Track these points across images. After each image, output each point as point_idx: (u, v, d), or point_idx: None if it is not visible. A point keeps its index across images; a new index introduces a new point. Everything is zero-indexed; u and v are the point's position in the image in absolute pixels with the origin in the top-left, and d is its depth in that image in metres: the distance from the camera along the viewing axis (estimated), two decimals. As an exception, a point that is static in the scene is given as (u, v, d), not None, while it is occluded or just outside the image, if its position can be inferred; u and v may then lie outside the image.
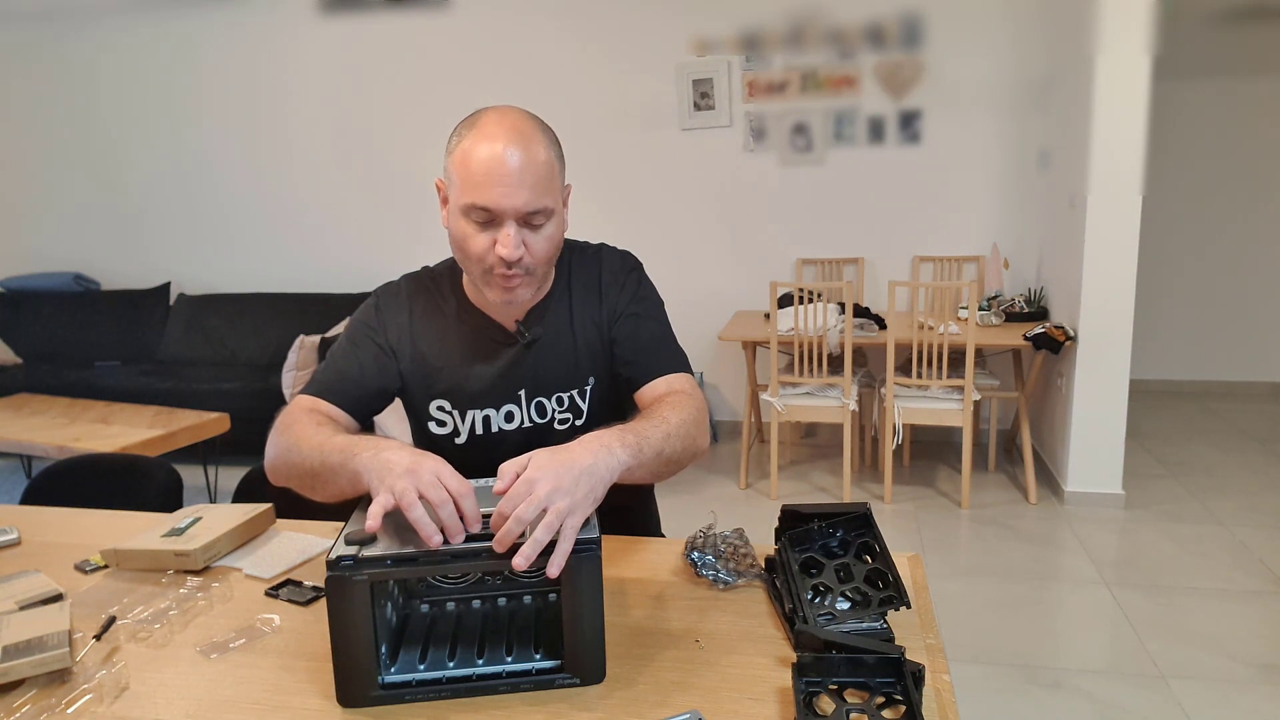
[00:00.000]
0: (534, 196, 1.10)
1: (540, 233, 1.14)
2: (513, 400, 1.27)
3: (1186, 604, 2.57)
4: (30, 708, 0.90)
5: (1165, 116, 4.57)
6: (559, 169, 1.15)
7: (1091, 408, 3.26)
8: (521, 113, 1.15)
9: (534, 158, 1.10)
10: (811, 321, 3.31)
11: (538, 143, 1.11)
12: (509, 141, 1.09)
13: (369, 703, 0.88)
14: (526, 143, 1.10)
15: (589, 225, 4.33)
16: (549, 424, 1.28)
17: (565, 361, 1.27)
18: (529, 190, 1.10)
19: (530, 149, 1.10)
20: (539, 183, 1.10)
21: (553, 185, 1.13)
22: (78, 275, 5.02)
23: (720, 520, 1.24)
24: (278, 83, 4.59)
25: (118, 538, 1.28)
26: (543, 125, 1.15)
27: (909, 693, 0.82)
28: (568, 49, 4.21)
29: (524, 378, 1.27)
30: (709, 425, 1.28)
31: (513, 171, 1.09)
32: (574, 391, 1.28)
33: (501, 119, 1.12)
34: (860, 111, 3.99)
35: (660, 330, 1.30)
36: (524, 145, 1.10)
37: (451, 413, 1.29)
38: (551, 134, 1.16)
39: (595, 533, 0.89)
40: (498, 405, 1.28)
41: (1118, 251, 3.12)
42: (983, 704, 2.14)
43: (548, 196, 1.12)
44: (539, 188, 1.11)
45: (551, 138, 1.15)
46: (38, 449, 3.18)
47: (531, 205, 1.11)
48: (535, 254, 1.15)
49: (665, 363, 1.26)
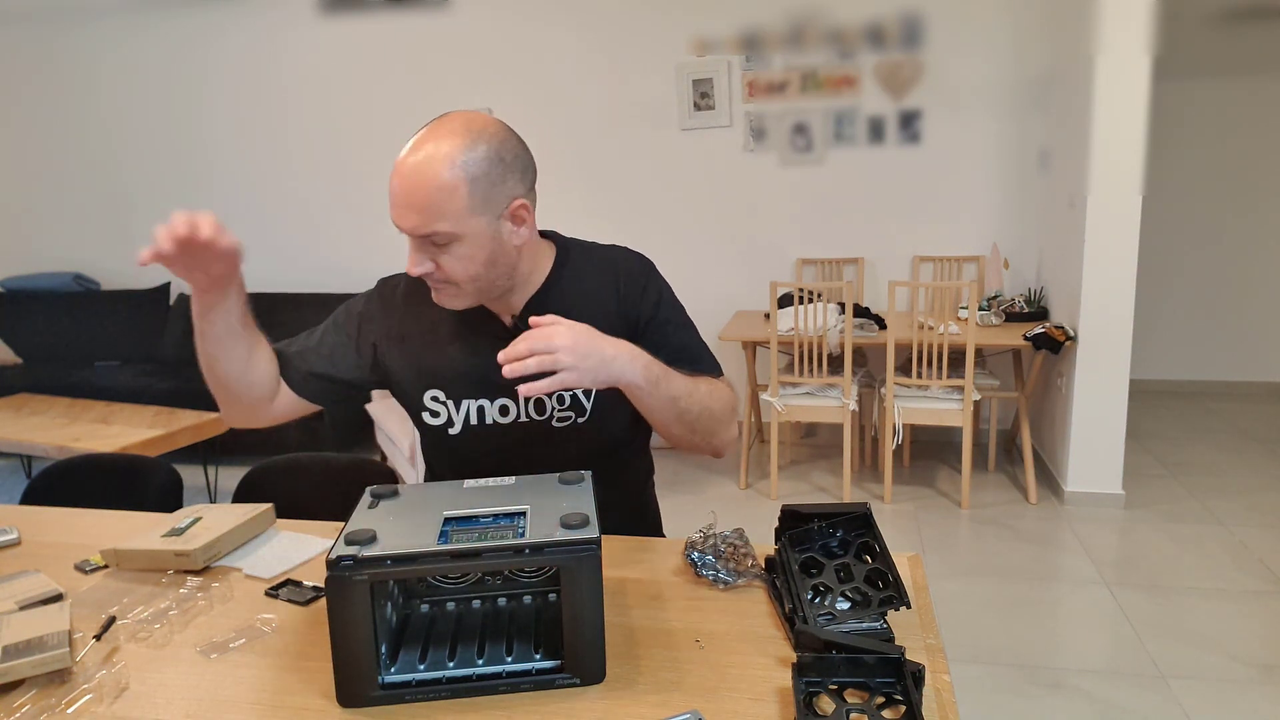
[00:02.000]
0: (423, 220, 1.08)
1: (449, 252, 1.12)
2: (509, 395, 1.26)
3: (1186, 604, 2.57)
4: (30, 708, 0.90)
5: (1165, 116, 4.56)
6: (468, 192, 1.08)
7: (1091, 408, 3.26)
8: (451, 127, 1.10)
9: (426, 182, 1.07)
10: (811, 321, 3.31)
11: (439, 166, 1.07)
12: (409, 164, 1.08)
13: (369, 703, 0.88)
14: (425, 165, 1.07)
15: (590, 225, 4.30)
16: (547, 420, 1.28)
17: None
18: (417, 214, 1.08)
19: (426, 173, 1.07)
20: (430, 207, 1.08)
21: (451, 210, 1.08)
22: (78, 275, 5.02)
23: (720, 520, 1.24)
24: (278, 83, 4.59)
25: (118, 538, 1.28)
26: (468, 143, 1.08)
27: (909, 693, 0.82)
28: (568, 49, 4.21)
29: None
30: (734, 426, 1.27)
31: (403, 194, 1.08)
32: (578, 390, 1.26)
33: (420, 138, 1.10)
34: (860, 111, 3.99)
35: (690, 338, 1.31)
36: (420, 168, 1.07)
37: (445, 403, 1.29)
38: (479, 152, 1.09)
39: (595, 533, 0.89)
40: (492, 397, 1.27)
41: (1118, 251, 3.12)
42: (983, 704, 2.14)
43: (443, 220, 1.08)
44: (430, 212, 1.08)
45: (475, 157, 1.08)
46: (38, 449, 3.18)
47: (421, 229, 1.09)
48: (447, 271, 1.13)
49: (704, 371, 1.26)
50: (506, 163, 1.12)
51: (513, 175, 1.13)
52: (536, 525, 0.91)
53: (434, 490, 1.04)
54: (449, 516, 0.95)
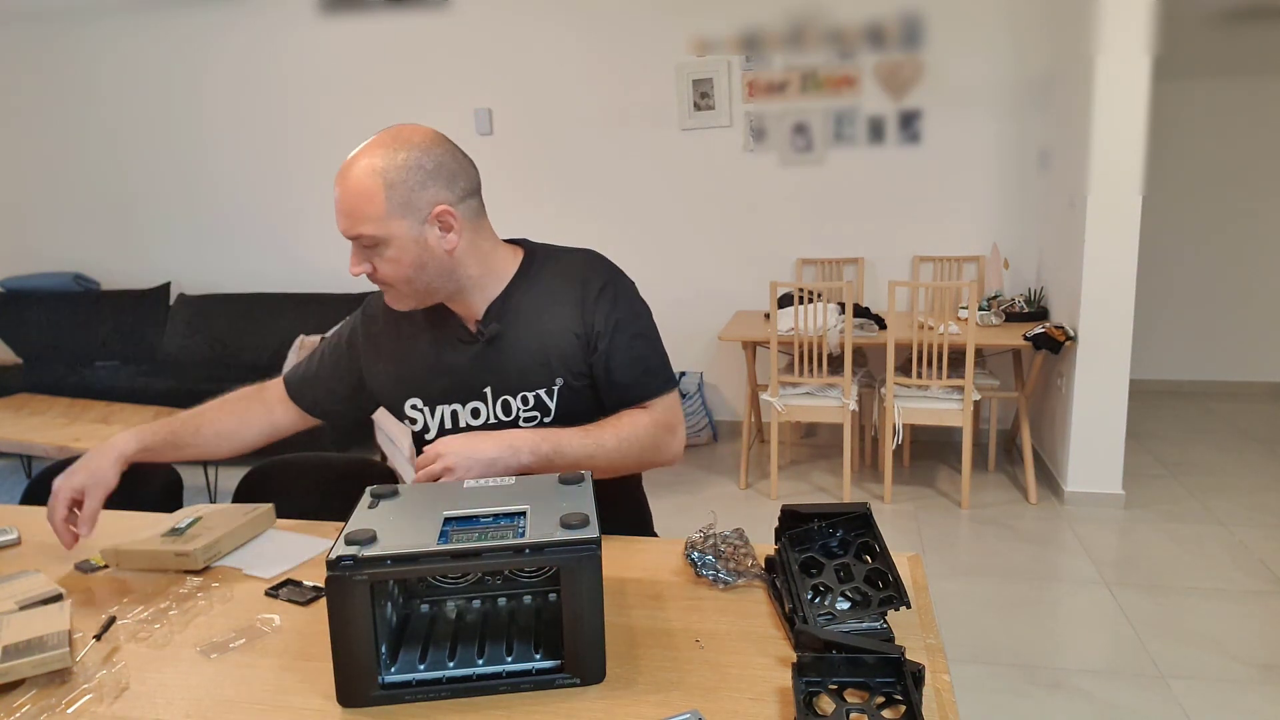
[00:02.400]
0: (349, 224, 1.19)
1: (380, 255, 1.21)
2: (478, 397, 1.32)
3: (1186, 604, 2.57)
4: (30, 708, 0.90)
5: (1165, 116, 4.56)
6: (385, 197, 1.16)
7: (1091, 408, 3.26)
8: (381, 138, 1.20)
9: (350, 188, 1.17)
10: (811, 321, 3.31)
11: (362, 173, 1.17)
12: (342, 171, 1.18)
13: (369, 703, 0.88)
14: (349, 173, 1.17)
15: (590, 225, 4.33)
16: (514, 421, 1.31)
17: (532, 361, 1.30)
18: (345, 218, 1.19)
19: (351, 179, 1.17)
20: (353, 211, 1.18)
21: (371, 214, 1.17)
22: (78, 275, 5.02)
23: (720, 520, 1.24)
24: (278, 83, 4.59)
25: (118, 538, 1.28)
26: (389, 151, 1.17)
27: (909, 693, 0.82)
28: (567, 49, 4.21)
29: (488, 375, 1.31)
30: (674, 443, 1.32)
31: (338, 199, 1.19)
32: (541, 391, 1.30)
33: (360, 147, 1.20)
34: (860, 111, 3.99)
35: (644, 348, 1.32)
36: (346, 175, 1.18)
37: (423, 409, 1.35)
38: (399, 159, 1.17)
39: (595, 533, 0.89)
40: (464, 401, 1.32)
41: (1118, 251, 3.12)
42: (983, 704, 2.14)
43: (366, 224, 1.17)
44: (353, 216, 1.18)
45: (394, 164, 1.17)
46: (38, 449, 3.18)
47: (348, 232, 1.19)
48: (381, 274, 1.23)
49: (641, 390, 1.31)
50: (428, 170, 1.19)
51: (435, 183, 1.20)
52: (536, 525, 0.91)
53: (434, 490, 1.04)
54: (449, 516, 0.95)
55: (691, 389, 4.23)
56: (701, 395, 4.25)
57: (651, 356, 1.33)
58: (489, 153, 4.36)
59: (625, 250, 4.30)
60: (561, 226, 4.33)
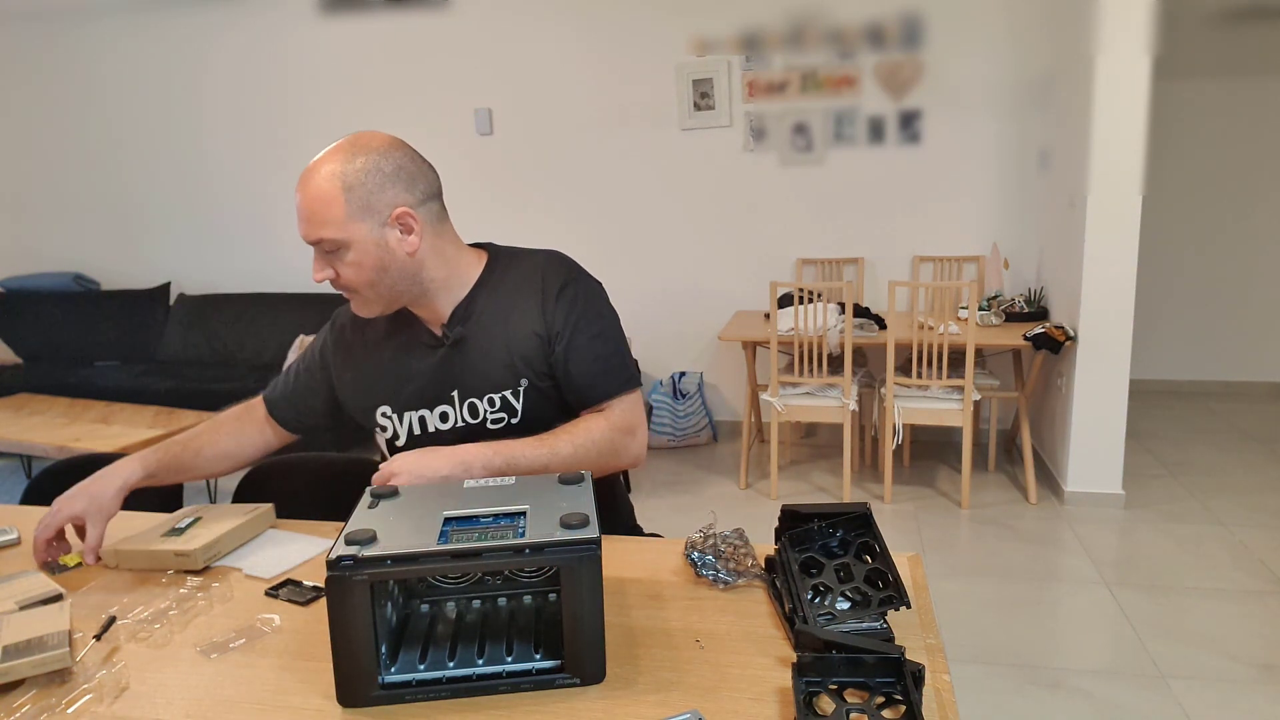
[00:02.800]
0: (310, 229, 1.20)
1: (340, 259, 1.22)
2: (446, 401, 1.33)
3: (1186, 604, 2.57)
4: (30, 708, 0.90)
5: (1165, 116, 4.57)
6: (344, 200, 1.18)
7: (1091, 408, 3.26)
8: (339, 144, 1.21)
9: (309, 193, 1.19)
10: (811, 321, 3.31)
11: (320, 178, 1.18)
12: (302, 178, 1.20)
13: (369, 703, 0.88)
14: (310, 178, 1.19)
15: (590, 225, 4.33)
16: (481, 424, 1.32)
17: (496, 363, 1.31)
18: (305, 223, 1.20)
19: (309, 185, 1.19)
20: (313, 216, 1.19)
21: (330, 218, 1.18)
22: (78, 275, 5.02)
23: (720, 520, 1.24)
24: (278, 83, 4.59)
25: (118, 538, 1.28)
26: (347, 156, 1.19)
27: (909, 693, 0.82)
28: (567, 49, 4.21)
29: (454, 379, 1.32)
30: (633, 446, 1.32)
31: (298, 205, 1.21)
32: (506, 392, 1.31)
33: (319, 156, 1.21)
34: (860, 111, 3.99)
35: (602, 348, 1.32)
36: (307, 181, 1.19)
37: (391, 417, 1.35)
38: (357, 164, 1.19)
39: (595, 533, 0.89)
40: (431, 406, 1.33)
41: (1118, 251, 3.12)
42: (983, 704, 2.14)
43: (326, 228, 1.19)
44: (313, 220, 1.19)
45: (352, 169, 1.19)
46: (38, 449, 3.18)
47: (309, 236, 1.20)
48: (344, 279, 1.24)
49: (600, 390, 1.31)
50: (386, 173, 1.21)
51: (394, 186, 1.21)
52: (536, 525, 0.91)
53: (434, 490, 1.04)
54: (449, 516, 0.95)
55: (691, 389, 4.23)
56: (701, 395, 4.26)
57: (611, 356, 1.33)
58: (489, 153, 4.36)
59: (625, 250, 4.34)
60: (561, 226, 4.33)
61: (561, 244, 1.55)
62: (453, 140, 4.40)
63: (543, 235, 4.32)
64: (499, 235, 1.42)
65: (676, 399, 4.21)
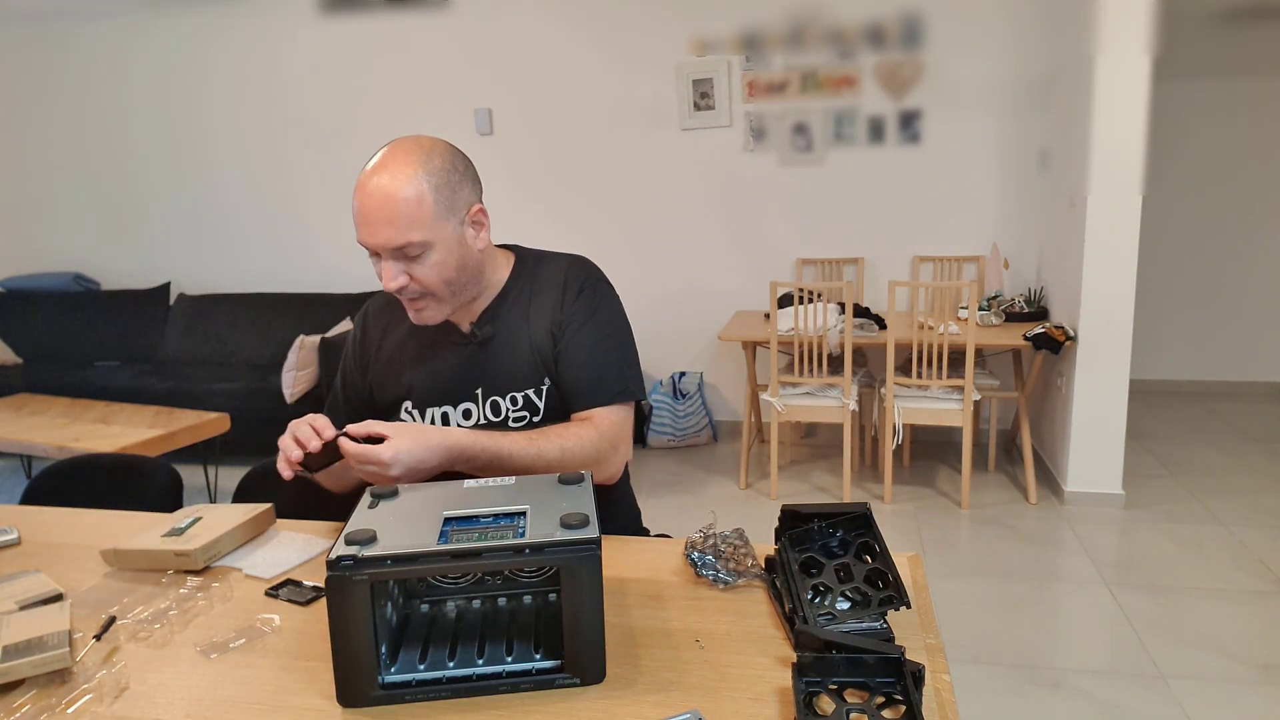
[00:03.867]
0: (397, 233, 1.16)
1: (422, 262, 1.20)
2: (469, 399, 1.33)
3: (1186, 604, 2.57)
4: (30, 708, 0.90)
5: (1165, 116, 4.57)
6: (434, 200, 1.17)
7: (1091, 408, 3.26)
8: (405, 147, 1.19)
9: (394, 196, 1.15)
10: (811, 321, 3.31)
11: (403, 180, 1.16)
12: (374, 183, 1.16)
13: (369, 703, 0.88)
14: (389, 182, 1.16)
15: (590, 225, 4.33)
16: (503, 422, 1.33)
17: (521, 362, 1.32)
18: (391, 228, 1.16)
19: (391, 188, 1.15)
20: (400, 219, 1.16)
21: (420, 218, 1.17)
22: (78, 275, 5.02)
23: (720, 520, 1.24)
24: (278, 83, 4.59)
25: (118, 538, 1.28)
26: (423, 157, 1.18)
27: (909, 693, 0.82)
28: (568, 49, 4.21)
29: (480, 376, 1.33)
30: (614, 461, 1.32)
31: (374, 211, 1.16)
32: (529, 391, 1.32)
33: (379, 160, 1.18)
34: (860, 111, 3.99)
35: (605, 353, 1.33)
36: (386, 185, 1.16)
37: (413, 412, 1.35)
38: (435, 164, 1.19)
39: (595, 533, 0.89)
40: (455, 403, 1.34)
41: (1118, 251, 3.12)
42: (983, 704, 2.14)
43: (415, 230, 1.17)
44: (401, 224, 1.16)
45: (433, 168, 1.18)
46: (38, 449, 3.18)
47: (395, 241, 1.17)
48: (423, 282, 1.21)
49: (590, 395, 1.31)
50: (460, 171, 1.23)
51: (467, 183, 1.23)
52: (536, 525, 0.91)
53: (434, 490, 1.04)
54: (449, 516, 0.95)
55: (691, 389, 4.23)
56: (701, 395, 4.26)
57: (609, 366, 1.33)
58: (489, 153, 4.36)
59: (625, 250, 4.34)
60: (561, 226, 4.33)
61: (561, 244, 1.55)
62: (453, 140, 4.36)
63: (543, 235, 4.31)
64: (499, 235, 1.42)
65: (676, 399, 4.21)
